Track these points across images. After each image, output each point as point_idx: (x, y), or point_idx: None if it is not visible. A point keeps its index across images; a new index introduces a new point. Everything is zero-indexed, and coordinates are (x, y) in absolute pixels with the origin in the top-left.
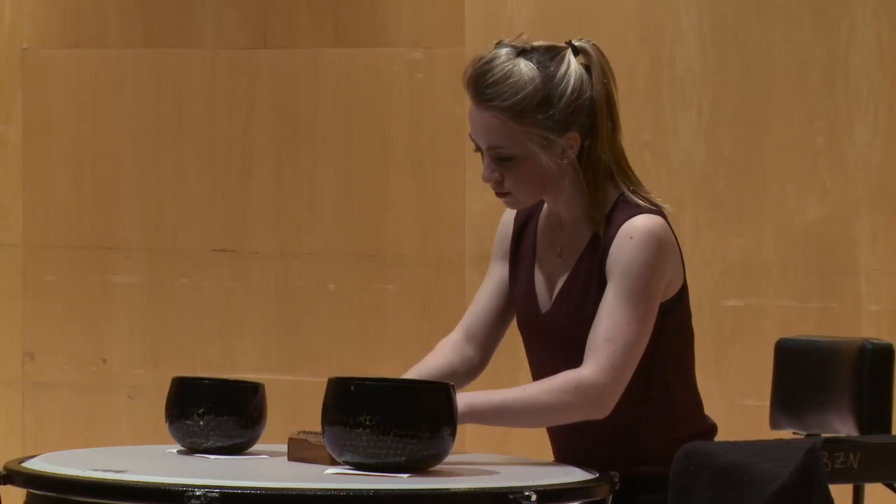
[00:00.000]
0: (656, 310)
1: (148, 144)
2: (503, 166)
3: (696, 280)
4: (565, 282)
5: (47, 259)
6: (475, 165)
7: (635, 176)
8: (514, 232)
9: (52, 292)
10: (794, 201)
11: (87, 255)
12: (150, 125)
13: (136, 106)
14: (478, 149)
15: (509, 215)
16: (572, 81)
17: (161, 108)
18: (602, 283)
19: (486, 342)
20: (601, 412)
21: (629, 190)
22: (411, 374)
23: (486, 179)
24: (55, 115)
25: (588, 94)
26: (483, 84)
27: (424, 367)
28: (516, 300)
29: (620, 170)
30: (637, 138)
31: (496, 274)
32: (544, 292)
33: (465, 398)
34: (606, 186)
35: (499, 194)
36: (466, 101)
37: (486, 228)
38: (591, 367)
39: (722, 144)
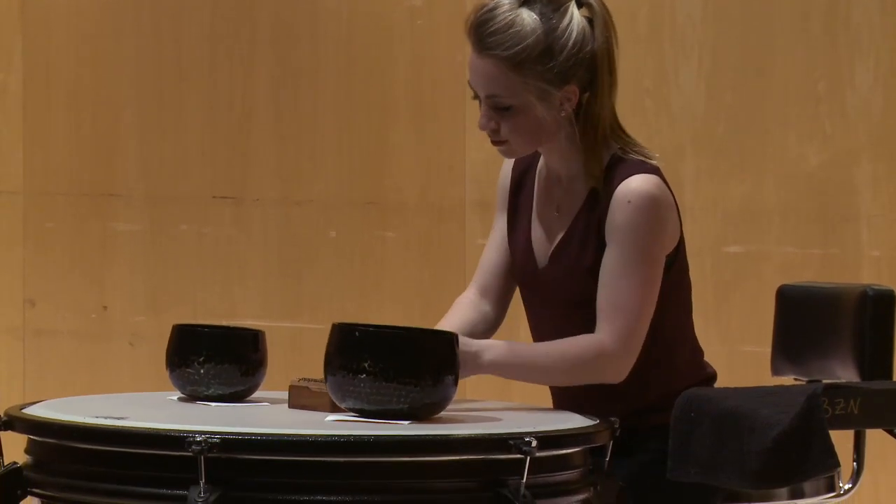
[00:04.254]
0: (661, 271)
1: (148, 91)
2: (500, 115)
3: (697, 227)
4: (562, 238)
5: (48, 206)
6: (476, 113)
7: (626, 133)
8: (511, 184)
9: (52, 240)
10: (795, 148)
11: (88, 203)
12: (150, 72)
13: (137, 53)
14: (476, 96)
15: (507, 167)
16: (574, 34)
17: (161, 55)
18: (600, 242)
19: (501, 296)
20: (618, 379)
21: (625, 146)
22: None
23: (482, 127)
24: (55, 62)
25: (589, 47)
26: (484, 32)
27: (442, 326)
28: (514, 255)
29: (615, 126)
30: (638, 86)
31: (501, 226)
32: (542, 248)
33: (490, 354)
34: (603, 142)
35: (494, 142)
36: (467, 49)
37: (486, 176)
38: (609, 336)
39: (723, 91)
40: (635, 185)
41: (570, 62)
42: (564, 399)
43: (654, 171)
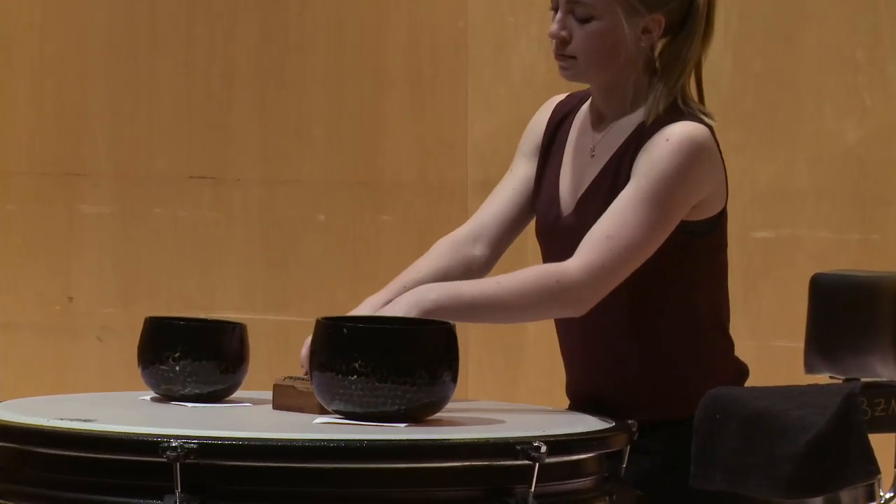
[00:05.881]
0: (673, 223)
1: (119, 60)
2: (577, 26)
3: None
4: (592, 182)
5: (8, 187)
6: (478, 84)
7: (701, 95)
8: (547, 129)
9: (12, 224)
10: (831, 122)
11: (52, 183)
12: (121, 38)
13: (107, 18)
14: (554, 5)
15: (545, 112)
16: None
17: (133, 20)
18: None
19: (496, 242)
20: (578, 310)
21: (688, 100)
22: (397, 282)
23: (553, 35)
24: (16, 27)
25: None
26: None
27: (411, 274)
28: (537, 203)
29: (694, 80)
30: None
31: (519, 171)
32: (569, 194)
33: (431, 293)
34: (678, 88)
35: (560, 56)
36: (468, 14)
37: (490, 153)
38: (579, 262)
39: (751, 60)
40: (679, 127)
41: None
42: (581, 388)
43: (709, 127)
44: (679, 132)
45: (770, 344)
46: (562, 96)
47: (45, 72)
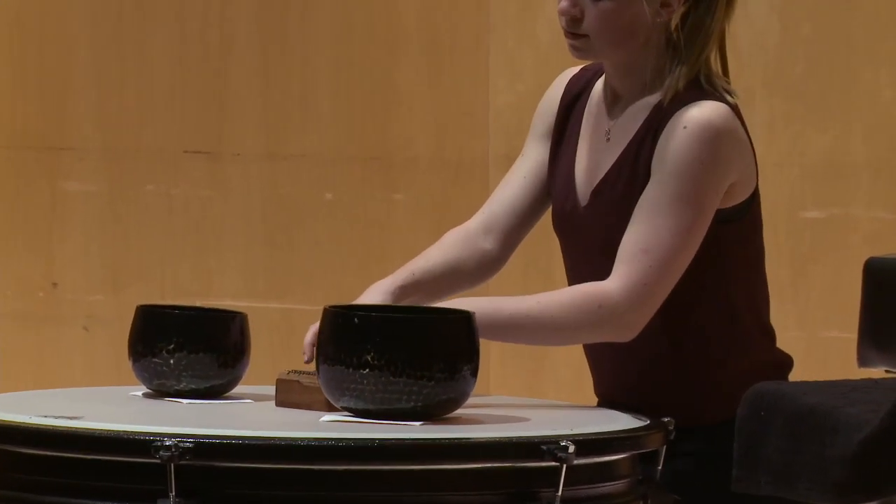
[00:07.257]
0: (708, 218)
1: (105, 23)
2: (590, 4)
3: (769, 186)
4: (611, 168)
5: None
6: (500, 49)
7: (725, 69)
8: (560, 108)
9: None
10: (887, 91)
11: (34, 158)
12: (108, 1)
13: None
14: None
15: (557, 89)
16: None
17: None
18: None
19: (508, 235)
20: (626, 335)
21: (710, 75)
22: (406, 269)
23: (563, 12)
24: None
25: None
26: None
27: (421, 263)
28: (553, 190)
29: (717, 53)
30: None
31: (532, 155)
32: (585, 182)
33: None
34: (700, 62)
35: (570, 35)
36: None
37: (513, 124)
38: (620, 283)
39: (801, 23)
40: (696, 111)
41: None
42: (609, 390)
43: (730, 105)
44: (696, 118)
45: (820, 335)
46: (574, 69)
47: (26, 37)
